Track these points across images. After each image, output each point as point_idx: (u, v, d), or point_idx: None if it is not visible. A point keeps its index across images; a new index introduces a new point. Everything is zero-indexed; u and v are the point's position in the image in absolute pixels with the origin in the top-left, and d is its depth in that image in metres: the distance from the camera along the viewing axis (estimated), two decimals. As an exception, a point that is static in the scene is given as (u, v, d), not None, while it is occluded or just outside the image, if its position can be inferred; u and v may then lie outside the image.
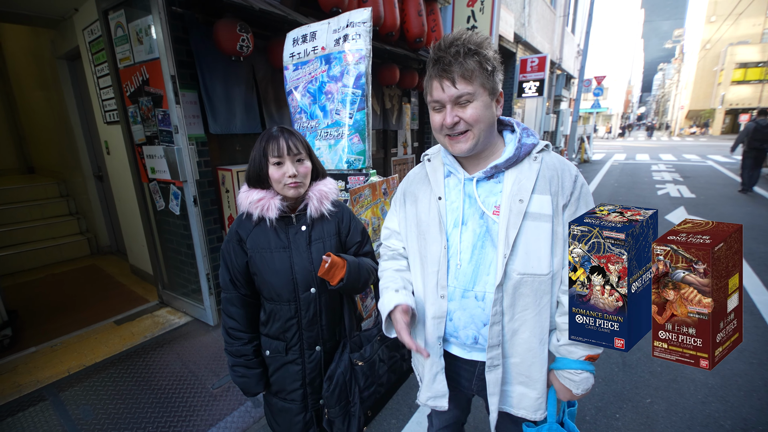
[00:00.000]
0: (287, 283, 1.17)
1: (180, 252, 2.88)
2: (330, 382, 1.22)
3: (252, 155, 1.17)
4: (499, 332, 0.96)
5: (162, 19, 2.23)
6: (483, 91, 0.90)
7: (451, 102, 0.91)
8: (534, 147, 0.96)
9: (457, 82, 0.88)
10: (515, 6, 8.15)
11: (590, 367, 0.96)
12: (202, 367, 2.35)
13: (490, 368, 0.98)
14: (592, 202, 0.97)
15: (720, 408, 2.09)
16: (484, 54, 0.89)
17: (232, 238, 1.20)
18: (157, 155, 2.63)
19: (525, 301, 0.95)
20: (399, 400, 2.15)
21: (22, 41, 4.46)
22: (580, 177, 0.97)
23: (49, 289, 3.49)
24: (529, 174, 0.94)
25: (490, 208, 0.96)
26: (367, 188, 2.15)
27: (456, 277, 0.99)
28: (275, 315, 1.21)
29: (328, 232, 1.24)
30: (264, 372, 1.27)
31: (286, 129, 1.17)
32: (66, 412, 1.98)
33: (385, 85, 4.45)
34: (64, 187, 4.63)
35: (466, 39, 0.89)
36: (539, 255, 0.92)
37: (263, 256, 1.17)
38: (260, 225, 1.18)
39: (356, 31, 2.02)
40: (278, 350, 1.23)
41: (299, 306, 1.19)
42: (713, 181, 9.31)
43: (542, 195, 0.93)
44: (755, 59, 30.70)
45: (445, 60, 0.89)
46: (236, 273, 1.19)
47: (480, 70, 0.88)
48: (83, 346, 2.55)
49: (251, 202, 1.15)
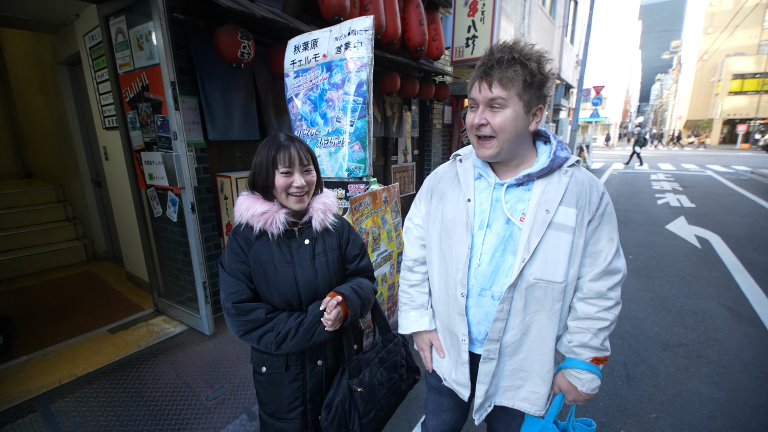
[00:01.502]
0: (292, 297, 1.14)
1: (177, 259, 2.84)
2: (328, 410, 1.17)
3: (257, 161, 1.13)
4: (500, 329, 1.01)
5: (163, 25, 2.22)
6: (518, 101, 0.91)
7: (484, 104, 0.94)
8: (566, 161, 0.99)
9: (494, 86, 0.91)
10: (515, 16, 8.22)
11: (595, 369, 1.01)
12: (197, 378, 2.30)
13: (485, 360, 1.04)
14: (614, 220, 1.01)
15: (727, 424, 2.04)
16: (528, 66, 0.90)
17: (235, 249, 1.12)
18: (155, 161, 2.60)
19: (537, 305, 0.99)
20: (399, 414, 2.10)
21: (22, 46, 4.46)
22: (606, 195, 1.01)
23: (43, 296, 3.44)
24: (558, 186, 0.97)
25: (516, 214, 0.99)
26: (368, 197, 2.12)
27: (475, 276, 1.03)
28: None
29: (330, 246, 1.22)
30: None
31: (295, 138, 1.15)
32: (56, 424, 1.93)
33: (386, 93, 4.45)
34: (62, 193, 4.59)
35: (516, 48, 0.92)
36: (557, 263, 0.96)
37: (266, 271, 1.12)
38: (262, 238, 1.13)
39: (358, 39, 2.01)
40: (276, 366, 1.18)
41: None
42: (713, 190, 9.31)
43: (568, 207, 0.96)
44: (752, 70, 31.02)
45: (489, 63, 0.92)
46: (245, 277, 1.12)
47: (519, 80, 0.90)
48: (76, 355, 2.50)
49: (254, 215, 1.10)
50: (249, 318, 1.08)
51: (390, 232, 2.32)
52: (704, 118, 37.81)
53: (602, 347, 1.01)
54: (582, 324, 1.00)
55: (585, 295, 1.00)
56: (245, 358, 2.47)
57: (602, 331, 1.00)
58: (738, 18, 30.67)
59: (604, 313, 0.99)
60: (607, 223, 0.99)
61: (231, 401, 2.11)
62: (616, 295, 1.00)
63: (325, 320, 1.09)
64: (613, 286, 0.99)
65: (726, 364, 2.53)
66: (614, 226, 1.00)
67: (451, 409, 1.27)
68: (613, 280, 0.99)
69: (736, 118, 32.10)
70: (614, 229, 1.00)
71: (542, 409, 1.06)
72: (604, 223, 0.98)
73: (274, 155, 1.09)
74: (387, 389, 1.30)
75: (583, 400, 1.05)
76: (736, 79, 31.63)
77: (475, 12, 5.22)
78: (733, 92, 31.95)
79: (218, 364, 2.42)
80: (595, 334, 0.99)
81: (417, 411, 2.13)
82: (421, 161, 6.24)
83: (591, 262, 0.99)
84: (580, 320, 1.01)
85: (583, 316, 1.00)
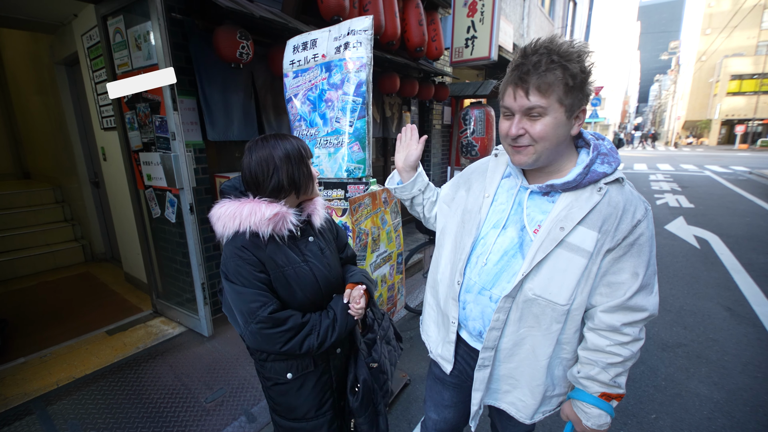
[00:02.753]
0: (315, 294, 1.15)
1: (175, 260, 2.83)
2: (354, 393, 1.22)
3: (281, 156, 1.07)
4: (496, 338, 0.99)
5: (161, 25, 2.22)
6: (559, 107, 0.83)
7: (521, 112, 0.85)
8: (603, 176, 0.88)
9: (531, 94, 0.82)
10: (514, 17, 8.23)
11: (604, 406, 0.94)
12: (195, 379, 2.29)
13: (480, 367, 1.03)
14: (647, 253, 0.88)
15: (726, 424, 2.04)
16: (569, 68, 0.80)
17: (248, 259, 1.04)
18: (153, 162, 2.59)
19: (533, 320, 0.95)
20: (398, 416, 2.09)
21: (20, 46, 4.45)
22: (643, 224, 0.88)
23: (40, 297, 3.42)
24: (585, 204, 0.87)
25: (532, 224, 0.93)
26: (367, 197, 2.11)
27: (479, 274, 1.01)
28: None
29: (328, 239, 1.27)
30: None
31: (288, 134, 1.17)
32: (53, 426, 1.91)
33: (385, 93, 4.45)
34: (60, 193, 4.57)
35: (554, 48, 0.82)
36: (562, 285, 0.90)
37: (285, 275, 1.09)
38: (271, 243, 1.09)
39: (357, 39, 2.01)
40: (304, 367, 1.17)
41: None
42: (711, 191, 9.33)
43: (589, 230, 0.87)
44: (749, 71, 31.09)
45: (524, 67, 0.82)
46: (267, 287, 1.07)
47: (560, 85, 0.81)
48: (74, 356, 2.49)
49: (261, 219, 1.03)
50: (288, 326, 1.04)
51: (390, 232, 2.32)
52: (703, 118, 37.90)
53: (612, 383, 0.93)
54: (590, 356, 0.94)
55: (596, 326, 0.93)
56: (244, 360, 2.46)
57: (613, 366, 0.92)
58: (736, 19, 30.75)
59: (616, 348, 0.90)
60: (635, 256, 0.88)
61: (230, 403, 2.10)
62: (634, 332, 0.90)
63: (355, 311, 1.15)
64: (630, 322, 0.90)
65: (725, 365, 2.53)
66: (644, 260, 0.88)
67: (453, 405, 1.26)
68: (633, 317, 0.89)
69: (734, 118, 32.17)
70: (643, 263, 0.88)
71: (528, 418, 1.04)
72: (631, 254, 0.87)
73: (302, 146, 1.12)
74: (388, 360, 1.43)
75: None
76: (735, 79, 31.70)
77: (474, 12, 5.22)
78: (731, 93, 32.02)
79: (217, 366, 2.41)
80: (604, 369, 0.92)
81: (416, 412, 2.12)
82: (421, 162, 6.24)
83: (608, 292, 0.90)
84: (589, 351, 0.94)
85: (592, 347, 0.93)
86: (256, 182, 1.08)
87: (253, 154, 1.08)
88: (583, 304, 0.91)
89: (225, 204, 1.07)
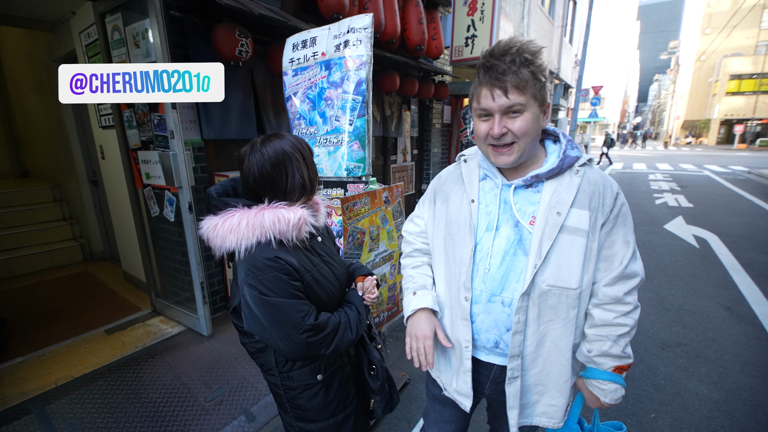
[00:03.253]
0: (337, 292, 1.17)
1: (174, 260, 2.82)
2: (374, 377, 1.26)
3: (297, 161, 1.03)
4: (520, 342, 0.96)
5: (159, 23, 2.20)
6: (534, 102, 0.88)
7: (501, 112, 0.88)
8: (577, 160, 0.95)
9: (510, 92, 0.85)
10: (514, 16, 8.22)
11: (619, 379, 0.97)
12: (194, 379, 2.28)
13: (510, 380, 0.99)
14: (630, 221, 0.97)
15: (725, 423, 2.04)
16: (538, 64, 0.87)
17: (284, 269, 0.98)
18: (152, 160, 2.58)
19: (551, 313, 0.95)
20: (398, 415, 2.09)
21: (18, 44, 4.42)
22: (621, 195, 0.96)
23: (39, 296, 3.41)
24: (570, 187, 0.93)
25: (526, 217, 0.95)
26: (364, 196, 2.10)
27: (484, 281, 0.99)
28: None
29: (331, 237, 1.30)
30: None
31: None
32: (52, 426, 1.91)
33: (385, 92, 4.44)
34: (58, 192, 4.56)
35: (522, 47, 0.86)
36: (570, 269, 0.92)
37: (315, 278, 1.07)
38: (297, 247, 1.05)
39: (357, 37, 2.00)
40: (332, 363, 1.16)
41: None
42: (710, 190, 9.34)
43: (581, 210, 0.92)
44: (749, 71, 31.14)
45: (498, 68, 0.85)
46: (303, 294, 1.03)
47: (533, 81, 0.86)
48: (72, 356, 2.48)
49: (288, 226, 0.98)
50: (329, 329, 1.03)
51: (391, 231, 2.31)
52: (702, 118, 37.93)
53: (624, 354, 0.96)
54: (600, 331, 0.96)
55: (601, 301, 0.95)
56: (243, 359, 2.45)
57: (622, 337, 0.95)
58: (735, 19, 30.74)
59: (622, 319, 0.94)
60: (621, 225, 0.94)
61: (229, 402, 2.09)
62: (634, 300, 0.95)
63: (371, 300, 1.21)
64: (630, 290, 0.94)
65: (724, 364, 2.54)
66: (630, 227, 0.96)
67: (453, 420, 1.23)
68: (630, 285, 0.94)
69: (733, 118, 32.21)
70: (630, 231, 0.96)
71: (560, 420, 1.02)
72: (618, 225, 0.94)
73: (309, 146, 1.11)
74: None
75: (606, 408, 1.01)
76: (734, 79, 31.74)
77: (474, 11, 5.22)
78: (730, 93, 32.06)
79: (216, 365, 2.41)
80: (615, 341, 0.95)
81: (416, 411, 2.12)
82: (421, 161, 6.23)
83: (606, 266, 0.95)
84: (598, 327, 0.96)
85: (600, 323, 0.95)
86: (272, 185, 1.02)
87: (264, 155, 1.01)
88: (589, 284, 0.95)
89: (236, 215, 0.98)
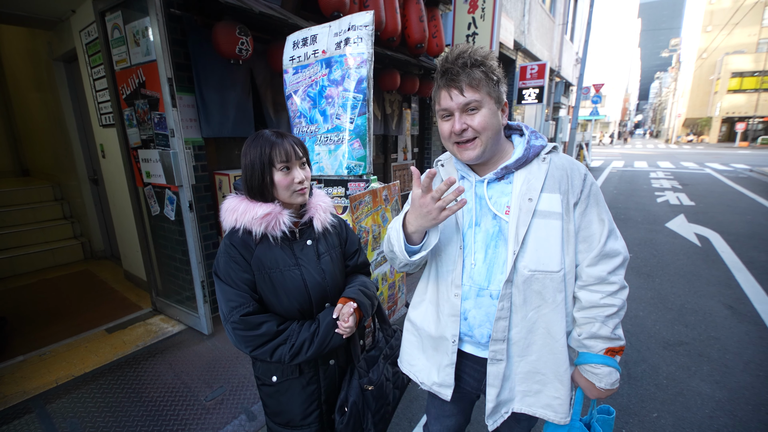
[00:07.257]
0: (303, 301, 1.10)
1: (175, 258, 2.81)
2: (342, 413, 1.15)
3: (248, 162, 1.05)
4: (504, 327, 0.99)
5: (159, 21, 2.19)
6: (489, 99, 0.95)
7: (459, 109, 0.96)
8: (543, 148, 1.01)
9: (465, 90, 0.93)
10: (515, 14, 8.18)
11: (611, 362, 0.98)
12: (195, 378, 2.28)
13: (493, 361, 1.01)
14: (602, 200, 1.01)
15: (728, 423, 2.03)
16: (489, 65, 0.95)
17: (235, 257, 1.04)
18: (152, 159, 2.57)
19: (538, 299, 0.97)
20: (399, 414, 2.09)
21: (18, 42, 4.42)
22: (589, 176, 1.00)
23: (40, 295, 3.41)
24: (538, 174, 0.98)
25: (501, 208, 1.00)
26: (368, 195, 2.09)
27: (471, 276, 1.02)
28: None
29: (332, 244, 1.20)
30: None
31: (285, 133, 1.11)
32: (52, 425, 1.90)
33: (385, 90, 4.42)
34: (59, 191, 4.55)
35: (472, 51, 0.95)
36: (550, 252, 0.96)
37: (272, 277, 1.06)
38: (263, 243, 1.07)
39: (358, 35, 1.99)
40: (289, 373, 1.13)
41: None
42: (712, 189, 9.31)
43: (551, 194, 0.97)
44: (750, 68, 31.06)
45: (453, 71, 0.94)
46: (248, 287, 1.05)
47: (486, 80, 0.94)
48: (73, 355, 2.48)
49: (254, 218, 1.04)
50: (259, 332, 1.02)
51: (390, 230, 2.30)
52: (703, 116, 37.84)
53: (614, 336, 0.97)
54: (588, 313, 0.97)
55: (585, 282, 0.98)
56: (244, 358, 2.45)
57: (610, 318, 0.96)
58: (737, 16, 30.65)
59: (609, 299, 0.96)
60: (594, 205, 0.98)
61: (230, 401, 2.09)
62: (619, 279, 0.97)
63: (342, 329, 1.07)
64: (613, 269, 0.96)
65: (727, 363, 2.53)
66: (603, 206, 0.99)
67: (454, 415, 1.24)
68: (613, 263, 0.96)
69: (734, 116, 32.15)
70: (603, 209, 0.99)
71: (566, 415, 1.01)
72: (591, 204, 0.98)
73: (269, 152, 1.03)
74: (393, 384, 1.31)
75: (604, 397, 1.00)
76: (735, 77, 31.67)
77: (475, 9, 5.19)
78: (731, 90, 32.00)
79: (217, 364, 2.40)
80: (604, 322, 0.96)
81: (417, 411, 2.11)
82: (421, 159, 6.21)
83: (586, 247, 0.98)
84: (585, 310, 0.98)
85: (587, 305, 0.97)
86: (243, 177, 1.09)
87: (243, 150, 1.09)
88: (572, 266, 0.99)
89: (230, 199, 1.09)
